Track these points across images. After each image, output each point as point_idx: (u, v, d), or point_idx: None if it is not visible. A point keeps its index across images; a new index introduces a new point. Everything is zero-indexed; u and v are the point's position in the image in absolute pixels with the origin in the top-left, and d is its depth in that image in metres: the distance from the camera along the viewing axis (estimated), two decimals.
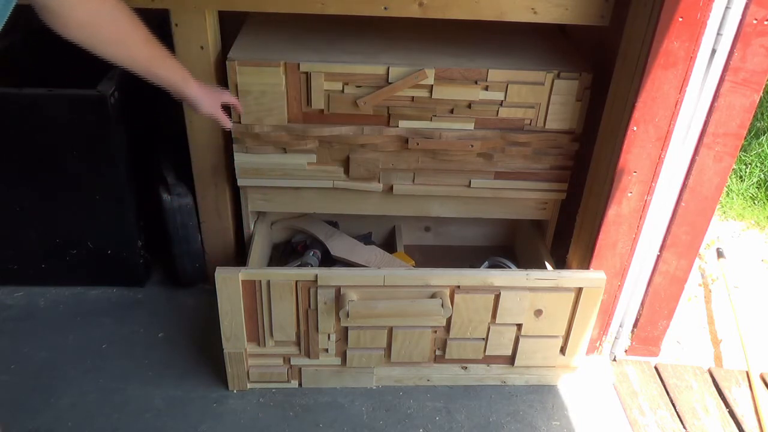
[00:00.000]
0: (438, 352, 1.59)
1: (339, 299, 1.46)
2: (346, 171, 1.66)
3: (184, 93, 1.28)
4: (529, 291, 1.49)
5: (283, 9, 1.48)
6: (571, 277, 1.48)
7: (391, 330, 1.53)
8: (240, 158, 1.63)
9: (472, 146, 1.62)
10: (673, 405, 1.62)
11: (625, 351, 1.74)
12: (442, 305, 1.46)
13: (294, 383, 1.61)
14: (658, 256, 1.58)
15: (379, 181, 1.68)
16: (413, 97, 1.56)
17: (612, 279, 1.61)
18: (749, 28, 1.26)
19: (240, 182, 1.67)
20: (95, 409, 1.52)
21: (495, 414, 1.58)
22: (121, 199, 1.72)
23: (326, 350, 1.56)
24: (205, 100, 1.33)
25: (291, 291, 1.46)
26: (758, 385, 1.67)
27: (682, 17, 1.26)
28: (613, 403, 1.63)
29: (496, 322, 1.53)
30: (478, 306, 1.50)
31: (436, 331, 1.55)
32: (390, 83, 1.53)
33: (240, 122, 1.57)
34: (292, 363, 1.58)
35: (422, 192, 1.71)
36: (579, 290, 1.49)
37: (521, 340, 1.57)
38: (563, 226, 1.78)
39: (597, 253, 1.57)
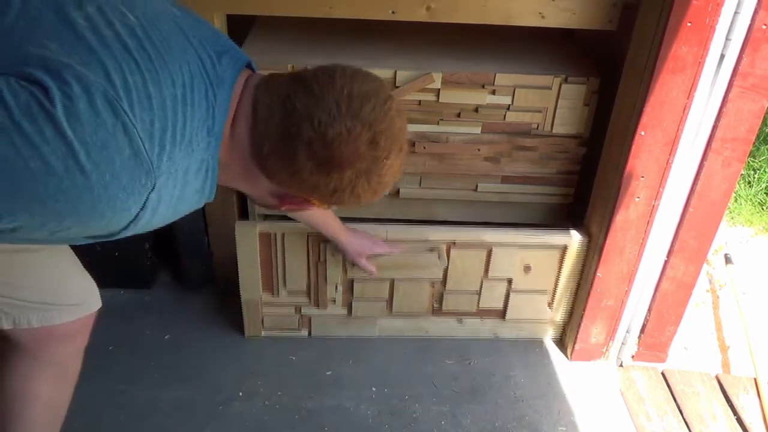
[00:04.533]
0: (435, 305, 1.72)
1: None
2: None
3: (336, 241, 1.53)
4: (518, 248, 1.62)
5: (291, 12, 1.49)
6: (557, 236, 1.63)
7: (392, 282, 1.66)
8: None
9: (479, 150, 1.62)
10: (680, 411, 1.61)
11: (632, 357, 1.74)
12: (439, 257, 1.61)
13: (304, 332, 1.76)
14: (666, 262, 1.57)
15: None
16: (420, 100, 1.56)
17: (619, 284, 1.60)
18: (758, 33, 1.25)
19: None
20: (101, 411, 1.52)
21: (501, 419, 1.57)
22: None
23: (333, 301, 1.70)
24: (351, 250, 1.54)
25: (303, 244, 1.60)
26: (766, 392, 1.66)
27: (690, 22, 1.25)
28: (620, 408, 1.62)
29: (489, 276, 1.66)
30: (472, 260, 1.64)
31: (434, 285, 1.68)
32: (397, 87, 1.53)
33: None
34: (302, 312, 1.72)
35: (429, 196, 1.71)
36: (564, 248, 1.63)
37: (512, 294, 1.70)
38: None
39: (604, 258, 1.56)
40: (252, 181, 0.85)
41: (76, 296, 1.13)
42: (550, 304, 1.73)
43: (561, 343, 1.80)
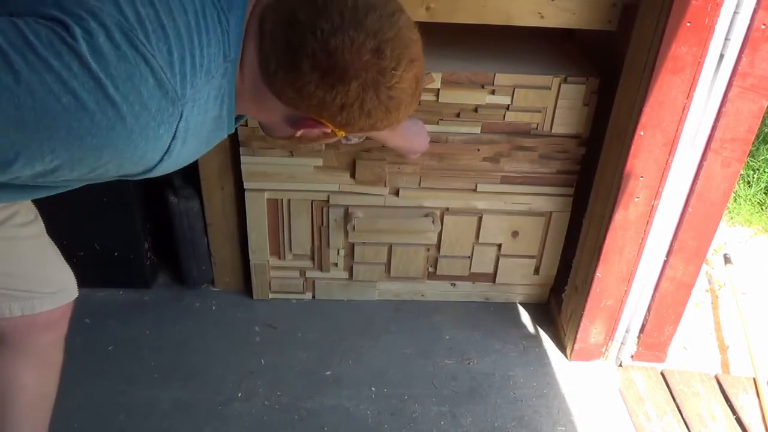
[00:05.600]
0: (430, 269, 1.84)
1: (347, 216, 1.71)
2: (353, 175, 1.66)
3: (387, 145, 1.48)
4: (507, 214, 1.72)
5: None
6: (543, 203, 1.72)
7: (390, 247, 1.78)
8: (247, 161, 1.64)
9: (478, 150, 1.63)
10: (680, 411, 1.61)
11: (632, 356, 1.74)
12: (433, 222, 1.70)
13: (308, 295, 1.88)
14: (665, 262, 1.57)
15: (385, 185, 1.68)
16: (419, 100, 1.55)
17: (618, 284, 1.60)
18: (757, 33, 1.25)
19: (246, 185, 1.68)
20: (101, 411, 1.52)
21: (500, 419, 1.57)
22: (128, 201, 1.73)
23: (336, 264, 1.81)
24: (402, 149, 1.50)
25: (307, 209, 1.70)
26: (766, 392, 1.66)
27: (690, 22, 1.25)
28: (619, 408, 1.62)
29: (479, 241, 1.77)
30: (464, 226, 1.74)
31: (429, 249, 1.79)
32: None
33: (246, 125, 1.58)
34: (306, 276, 1.84)
35: (428, 196, 1.71)
36: (550, 214, 1.73)
37: (501, 259, 1.82)
38: (571, 229, 1.78)
39: (603, 258, 1.56)
40: (265, 106, 0.84)
41: (56, 284, 1.13)
42: (537, 269, 1.84)
43: (560, 343, 1.80)
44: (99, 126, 0.69)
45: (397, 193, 1.70)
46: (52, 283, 1.12)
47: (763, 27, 1.24)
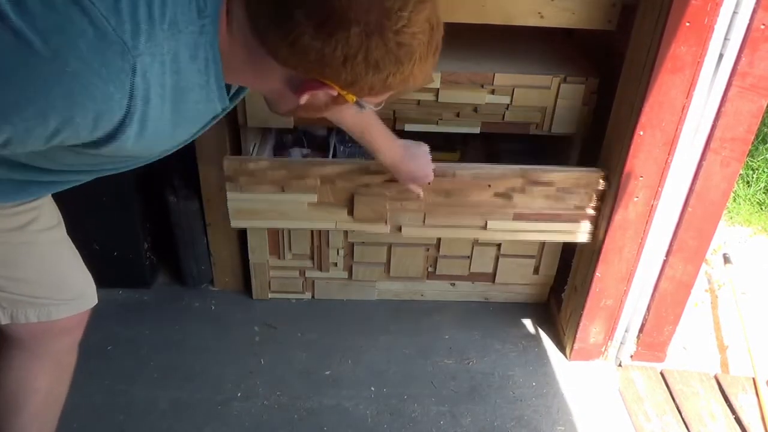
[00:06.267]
0: (430, 269, 1.83)
1: None
2: (350, 212, 1.55)
3: (378, 160, 1.39)
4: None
5: None
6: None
7: (390, 247, 1.77)
8: (233, 197, 1.53)
9: (489, 186, 1.53)
10: (679, 411, 1.61)
11: (631, 356, 1.74)
12: None
13: (308, 294, 1.87)
14: (665, 261, 1.57)
15: (386, 223, 1.57)
16: (419, 100, 1.56)
17: (618, 284, 1.60)
18: (757, 33, 1.25)
19: (234, 224, 1.59)
20: (101, 411, 1.52)
21: (500, 418, 1.57)
22: (128, 201, 1.73)
23: (335, 264, 1.81)
24: (399, 171, 1.43)
25: None
26: (765, 391, 1.66)
27: (689, 22, 1.25)
28: (619, 408, 1.62)
29: (479, 241, 1.76)
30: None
31: (428, 249, 1.78)
32: None
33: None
34: (306, 275, 1.84)
35: (433, 234, 1.66)
36: None
37: (500, 259, 1.81)
38: None
39: (603, 258, 1.56)
40: (261, 70, 0.75)
41: (74, 291, 1.12)
42: (536, 269, 1.84)
43: (560, 342, 1.80)
44: (33, 90, 0.62)
45: (399, 231, 1.60)
46: (70, 290, 1.11)
47: (762, 27, 1.24)
